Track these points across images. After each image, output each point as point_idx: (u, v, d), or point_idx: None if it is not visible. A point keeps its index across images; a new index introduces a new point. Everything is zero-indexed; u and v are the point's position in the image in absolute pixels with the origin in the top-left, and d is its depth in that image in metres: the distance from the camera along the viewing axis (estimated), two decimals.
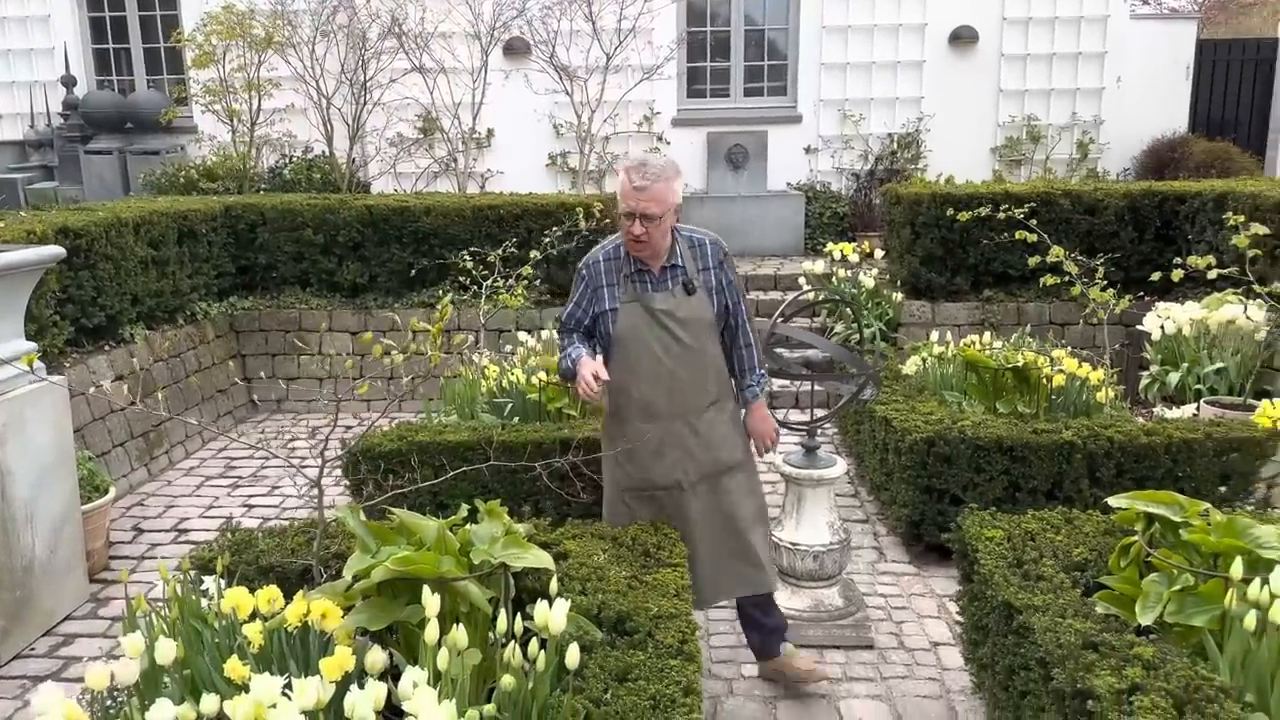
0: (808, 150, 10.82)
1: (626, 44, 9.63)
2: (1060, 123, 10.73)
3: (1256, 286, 3.45)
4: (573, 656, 2.35)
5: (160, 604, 2.75)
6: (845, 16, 10.59)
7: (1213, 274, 3.51)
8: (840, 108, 10.74)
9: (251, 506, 5.58)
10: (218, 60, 9.33)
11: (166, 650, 2.35)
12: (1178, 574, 2.61)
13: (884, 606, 4.13)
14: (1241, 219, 4.18)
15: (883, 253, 8.14)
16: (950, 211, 6.92)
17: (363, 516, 2.93)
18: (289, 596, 2.66)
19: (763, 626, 3.55)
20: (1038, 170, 10.63)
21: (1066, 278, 5.36)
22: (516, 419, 5.20)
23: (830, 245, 7.98)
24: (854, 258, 7.79)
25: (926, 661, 3.69)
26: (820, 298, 6.74)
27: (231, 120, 9.60)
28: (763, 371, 3.51)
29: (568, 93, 9.60)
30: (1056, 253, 5.16)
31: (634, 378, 3.25)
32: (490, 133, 10.62)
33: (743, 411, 3.48)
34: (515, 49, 10.25)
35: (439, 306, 2.88)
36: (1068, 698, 2.39)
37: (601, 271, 3.28)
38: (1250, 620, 2.35)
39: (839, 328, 7.51)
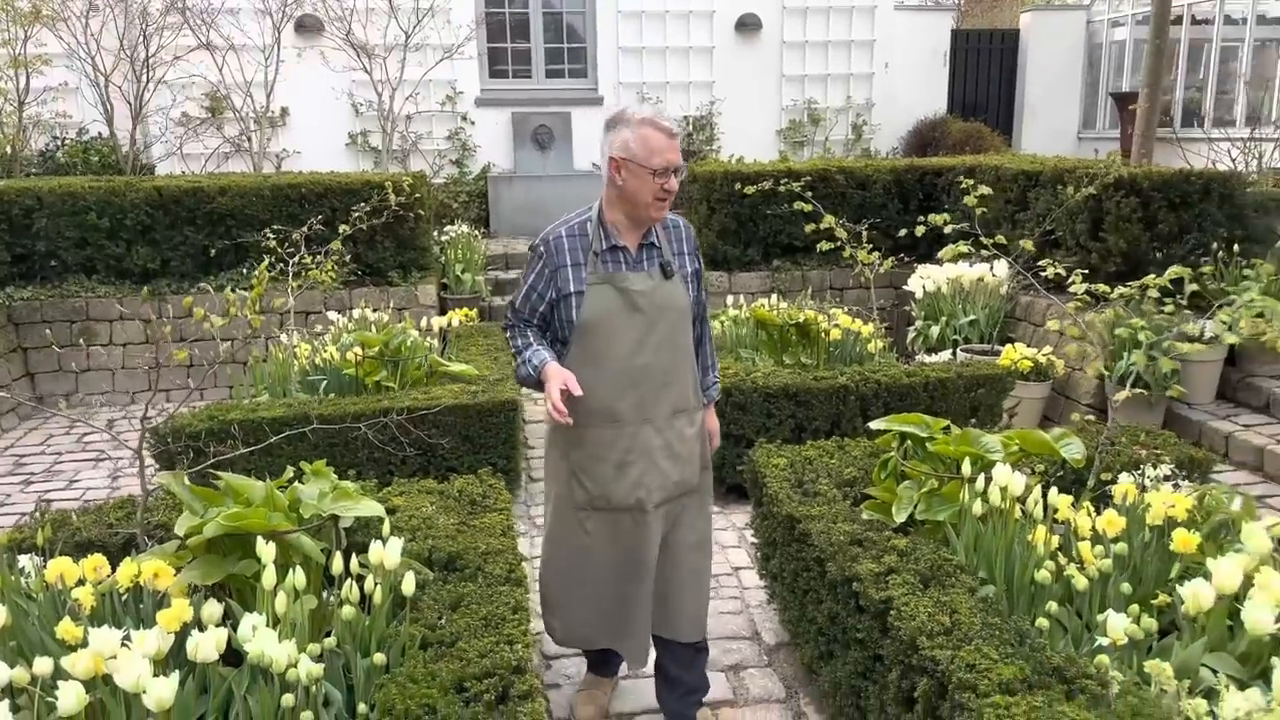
0: None
1: (425, 23, 9.63)
2: (837, 106, 11.62)
3: (983, 239, 4.08)
4: (409, 584, 2.55)
5: None
6: (640, 2, 11.00)
7: (948, 229, 4.11)
8: (639, 90, 11.15)
9: (50, 502, 5.32)
10: None
11: None
12: (925, 479, 3.11)
13: None
14: (971, 182, 4.87)
15: None
16: (738, 187, 7.46)
17: (187, 482, 2.99)
18: (113, 569, 2.70)
19: (681, 684, 3.04)
20: (819, 150, 11.48)
21: (838, 243, 5.96)
22: (332, 395, 5.25)
23: None
24: None
25: (729, 584, 4.11)
26: None
27: None
28: (717, 368, 3.17)
29: (367, 71, 9.50)
30: (828, 220, 5.74)
31: (598, 374, 2.72)
32: (285, 111, 10.33)
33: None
34: (307, 26, 10.00)
35: (256, 273, 2.96)
36: (838, 585, 2.82)
37: (565, 249, 2.78)
38: (977, 508, 2.86)
39: None
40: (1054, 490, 3.00)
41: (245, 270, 7.23)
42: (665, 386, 2.80)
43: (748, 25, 11.24)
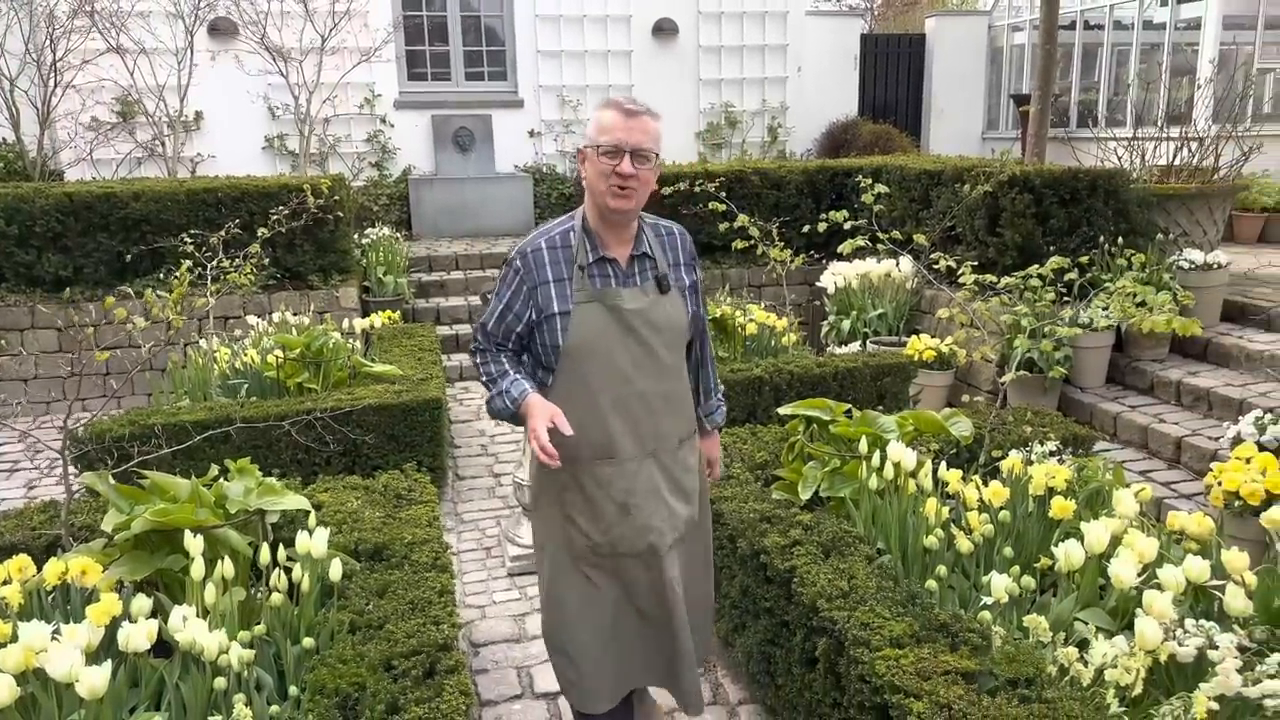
0: (532, 134, 11.28)
1: (341, 26, 9.61)
2: (753, 109, 11.91)
3: (880, 234, 4.32)
4: (335, 570, 2.65)
5: None
6: (557, 6, 11.12)
7: (848, 225, 4.34)
8: (559, 93, 11.28)
9: None
10: None
11: None
12: (828, 459, 3.32)
13: None
14: (870, 182, 5.14)
15: None
16: (657, 188, 7.64)
17: (111, 481, 3.03)
18: (39, 571, 2.73)
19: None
20: (736, 152, 11.75)
21: (752, 241, 6.19)
22: (254, 398, 5.26)
23: None
24: None
25: None
26: None
27: None
28: (722, 390, 2.93)
29: (283, 74, 9.43)
30: (742, 219, 5.96)
31: (590, 405, 2.43)
32: (199, 115, 10.18)
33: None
34: (221, 29, 9.89)
35: (177, 274, 3.01)
36: (748, 558, 3.00)
37: (545, 262, 2.44)
38: (874, 483, 3.07)
39: None
40: (944, 465, 3.24)
41: (162, 275, 7.13)
42: (667, 415, 2.52)
43: (664, 30, 11.45)
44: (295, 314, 6.53)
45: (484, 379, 2.56)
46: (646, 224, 2.57)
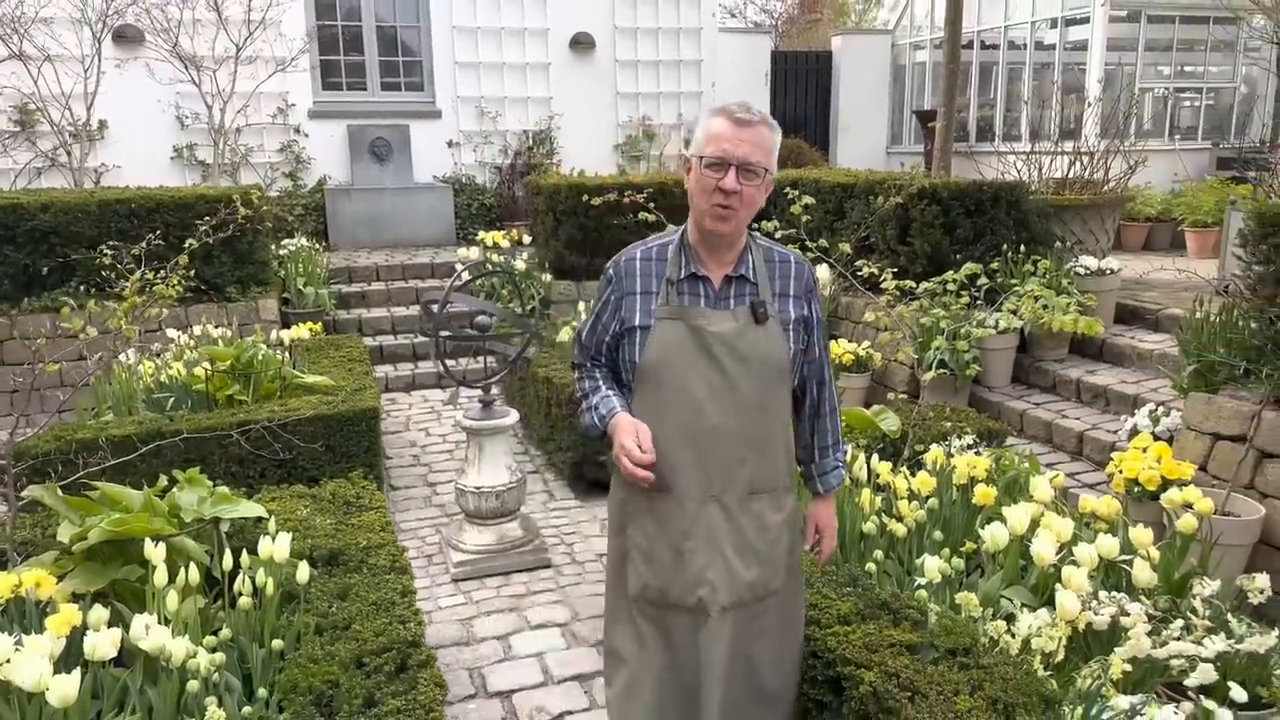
0: (450, 144, 11.27)
1: (256, 35, 9.47)
2: (670, 122, 12.15)
3: (808, 241, 4.55)
4: (303, 573, 2.69)
5: None
6: (473, 18, 11.17)
7: (778, 234, 4.56)
8: (478, 105, 11.30)
9: None
10: None
11: None
12: None
13: (557, 534, 4.79)
14: (798, 193, 5.39)
15: (530, 239, 8.86)
16: (585, 198, 7.77)
17: (60, 494, 3.00)
18: None
19: None
20: (655, 165, 11.96)
21: None
22: (183, 411, 5.17)
23: (482, 234, 8.55)
24: (505, 244, 8.44)
25: (594, 569, 4.39)
26: (487, 270, 7.33)
27: None
28: (845, 450, 2.60)
29: (195, 83, 9.24)
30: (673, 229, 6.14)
31: (659, 432, 2.19)
32: (103, 125, 9.87)
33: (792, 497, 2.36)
34: (128, 37, 9.62)
35: (129, 283, 3.01)
36: None
37: (636, 273, 2.26)
38: None
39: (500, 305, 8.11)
40: (875, 458, 3.45)
41: (74, 288, 6.93)
42: (742, 459, 2.23)
43: (582, 43, 11.60)
44: (217, 326, 6.43)
45: (578, 394, 2.39)
46: (758, 247, 2.29)
